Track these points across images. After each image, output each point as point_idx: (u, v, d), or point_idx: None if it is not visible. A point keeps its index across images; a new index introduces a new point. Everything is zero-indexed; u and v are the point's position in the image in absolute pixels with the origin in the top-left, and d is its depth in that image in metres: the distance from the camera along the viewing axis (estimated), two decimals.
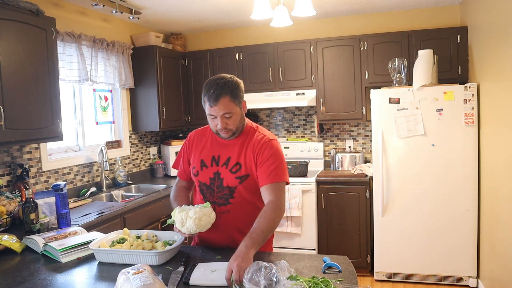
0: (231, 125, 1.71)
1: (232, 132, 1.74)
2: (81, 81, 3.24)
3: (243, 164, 1.76)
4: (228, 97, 1.66)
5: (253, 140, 1.78)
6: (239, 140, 1.80)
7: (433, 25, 3.83)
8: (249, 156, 1.76)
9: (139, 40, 4.01)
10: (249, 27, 4.46)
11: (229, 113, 1.68)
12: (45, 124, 2.59)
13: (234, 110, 1.70)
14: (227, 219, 1.77)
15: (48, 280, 1.53)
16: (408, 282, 3.53)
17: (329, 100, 3.97)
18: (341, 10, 3.95)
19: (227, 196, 1.77)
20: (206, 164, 1.81)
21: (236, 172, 1.76)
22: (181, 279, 1.45)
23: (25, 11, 2.43)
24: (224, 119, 1.69)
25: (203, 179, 1.81)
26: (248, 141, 1.79)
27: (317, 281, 1.33)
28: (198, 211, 1.62)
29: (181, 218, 1.61)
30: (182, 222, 1.61)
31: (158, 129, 3.95)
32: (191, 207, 1.68)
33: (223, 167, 1.78)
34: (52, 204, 2.24)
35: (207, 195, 1.81)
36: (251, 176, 1.75)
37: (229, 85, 1.68)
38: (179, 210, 1.66)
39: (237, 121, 1.73)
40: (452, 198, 3.35)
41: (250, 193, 1.78)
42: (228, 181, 1.76)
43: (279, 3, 2.84)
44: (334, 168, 4.16)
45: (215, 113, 1.68)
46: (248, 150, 1.77)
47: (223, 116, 1.68)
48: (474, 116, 3.26)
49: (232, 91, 1.68)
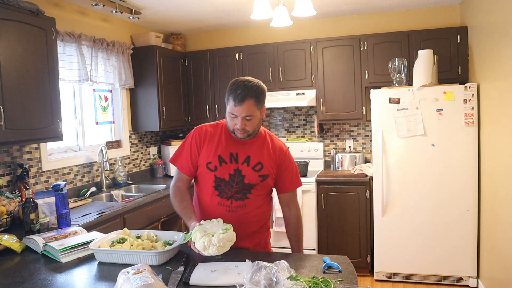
0: (249, 127, 1.76)
1: (248, 134, 1.79)
2: (81, 81, 3.23)
3: (265, 164, 1.83)
4: (253, 101, 1.71)
5: (273, 145, 1.88)
6: (256, 141, 1.85)
7: (433, 25, 3.84)
8: (269, 159, 1.84)
9: (139, 40, 4.01)
10: (249, 27, 4.46)
11: (250, 116, 1.72)
12: (45, 124, 2.59)
13: (255, 113, 1.74)
14: (242, 212, 1.83)
15: (48, 280, 1.53)
16: (408, 282, 3.53)
17: (329, 100, 3.97)
18: (341, 10, 3.95)
19: (245, 191, 1.82)
20: (225, 160, 1.81)
21: (259, 170, 1.82)
22: (181, 279, 1.45)
23: (25, 11, 2.43)
24: (244, 121, 1.73)
25: (221, 174, 1.81)
26: (265, 144, 1.86)
27: (317, 281, 1.33)
28: (222, 239, 1.53)
29: (203, 244, 1.53)
30: (204, 247, 1.53)
31: (158, 129, 3.95)
32: (212, 226, 1.59)
33: (244, 165, 1.81)
34: (52, 204, 2.24)
35: (224, 190, 1.82)
36: (270, 177, 1.85)
37: (256, 89, 1.72)
38: (200, 234, 1.54)
39: (256, 124, 1.78)
40: (452, 198, 3.35)
41: (264, 190, 1.89)
42: (250, 179, 1.81)
43: (279, 3, 2.84)
44: (334, 168, 4.16)
45: (238, 113, 1.71)
46: (268, 152, 1.85)
47: (244, 117, 1.72)
48: (474, 116, 3.26)
49: (258, 96, 1.73)
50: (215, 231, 1.56)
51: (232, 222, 1.76)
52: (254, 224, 1.89)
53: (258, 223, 1.91)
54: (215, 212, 1.82)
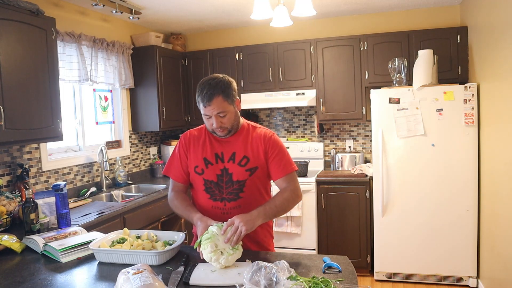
0: (226, 124, 1.75)
1: (228, 130, 1.78)
2: (81, 81, 3.23)
3: (251, 157, 1.80)
4: (221, 97, 1.70)
5: (258, 135, 1.84)
6: (239, 136, 1.83)
7: (433, 25, 3.83)
8: (256, 149, 1.81)
9: (139, 40, 4.01)
10: (249, 27, 4.46)
11: (223, 112, 1.72)
12: (45, 124, 2.59)
13: (227, 108, 1.73)
14: (238, 214, 1.75)
15: (48, 280, 1.53)
16: (408, 282, 3.53)
17: (329, 100, 3.97)
18: (341, 10, 3.95)
19: (236, 191, 1.80)
20: (210, 161, 1.81)
21: (245, 165, 1.79)
22: (181, 279, 1.45)
23: (25, 11, 2.43)
24: (218, 118, 1.72)
25: (209, 176, 1.81)
26: (250, 136, 1.83)
27: (317, 281, 1.33)
28: (230, 260, 1.52)
29: (210, 257, 1.51)
30: (210, 259, 1.52)
31: (158, 129, 3.95)
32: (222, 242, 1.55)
33: (230, 162, 1.80)
34: (52, 204, 2.24)
35: (215, 192, 1.81)
36: (259, 168, 1.81)
37: (221, 85, 1.71)
38: (211, 248, 1.51)
39: (232, 119, 1.77)
40: (452, 198, 3.35)
41: (259, 186, 1.85)
42: (238, 175, 1.79)
43: (279, 3, 2.84)
44: (334, 168, 4.16)
45: (209, 113, 1.72)
46: (254, 143, 1.82)
47: (218, 115, 1.72)
48: (474, 116, 3.26)
49: (224, 91, 1.71)
50: (225, 248, 1.54)
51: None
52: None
53: None
54: (211, 216, 1.78)
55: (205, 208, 1.84)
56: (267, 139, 1.83)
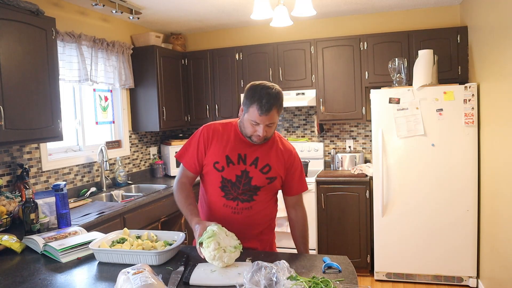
0: (269, 134, 1.75)
1: (266, 139, 1.77)
2: (81, 81, 3.23)
3: (273, 167, 1.80)
4: (277, 109, 1.70)
5: (284, 147, 1.86)
6: (266, 143, 1.82)
7: (433, 25, 3.83)
8: (277, 161, 1.82)
9: (139, 40, 4.01)
10: (249, 27, 4.46)
11: (272, 123, 1.72)
12: (45, 124, 2.59)
13: (276, 120, 1.73)
14: (248, 214, 1.81)
15: (48, 280, 1.53)
16: (408, 282, 3.53)
17: (329, 100, 3.97)
18: (341, 10, 3.95)
19: (251, 193, 1.80)
20: (232, 161, 1.79)
21: (267, 173, 1.80)
22: (181, 279, 1.45)
23: (25, 11, 2.43)
24: (266, 128, 1.71)
25: (228, 175, 1.79)
26: (275, 146, 1.84)
27: (317, 281, 1.33)
28: (232, 258, 1.54)
29: (213, 255, 1.51)
30: (213, 258, 1.52)
31: (158, 129, 3.95)
32: (224, 238, 1.56)
33: (252, 167, 1.79)
34: (52, 204, 2.24)
35: (231, 191, 1.80)
36: (277, 179, 1.83)
37: (279, 97, 1.70)
38: (214, 246, 1.51)
39: (274, 130, 1.79)
40: (452, 198, 3.35)
41: (271, 193, 1.88)
42: (257, 181, 1.79)
43: (279, 3, 2.84)
44: (334, 168, 4.16)
45: (261, 122, 1.68)
46: (279, 155, 1.83)
47: (267, 125, 1.70)
48: (474, 116, 3.26)
49: (281, 104, 1.72)
50: (227, 246, 1.54)
51: (237, 224, 1.77)
52: (260, 226, 1.88)
53: (263, 225, 1.90)
54: (220, 213, 1.80)
55: (217, 204, 1.82)
56: (292, 155, 1.87)
